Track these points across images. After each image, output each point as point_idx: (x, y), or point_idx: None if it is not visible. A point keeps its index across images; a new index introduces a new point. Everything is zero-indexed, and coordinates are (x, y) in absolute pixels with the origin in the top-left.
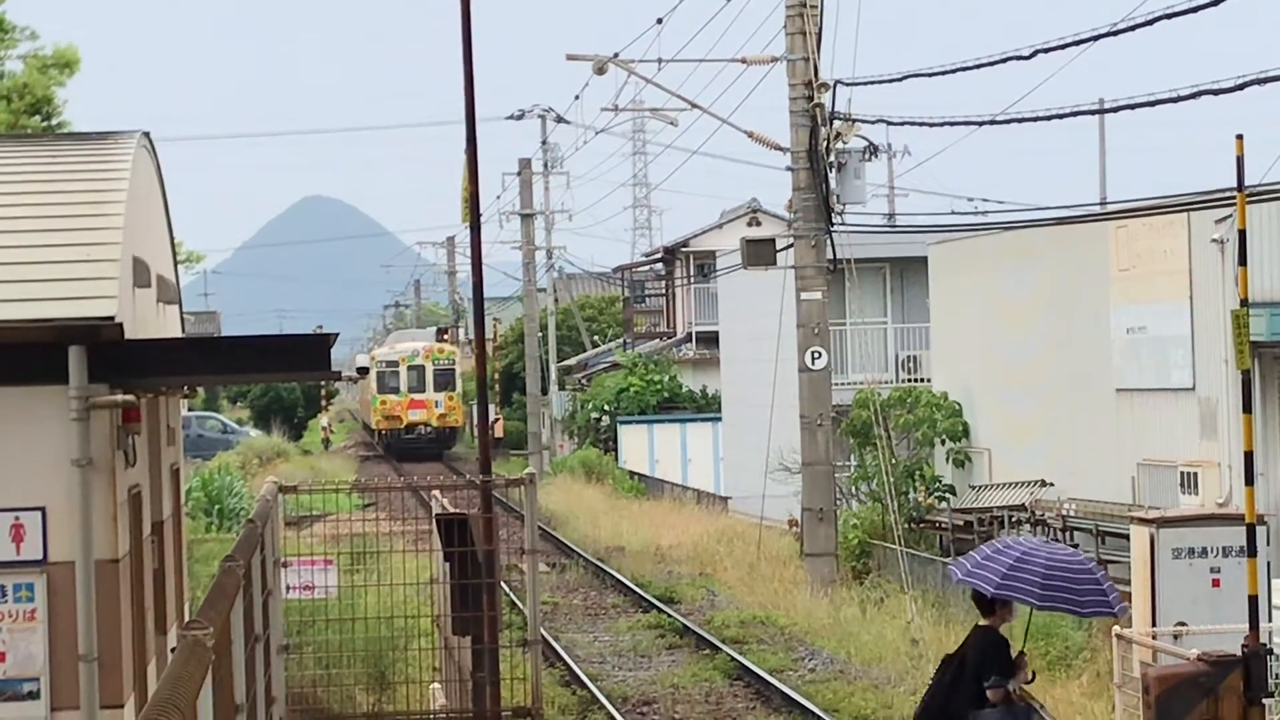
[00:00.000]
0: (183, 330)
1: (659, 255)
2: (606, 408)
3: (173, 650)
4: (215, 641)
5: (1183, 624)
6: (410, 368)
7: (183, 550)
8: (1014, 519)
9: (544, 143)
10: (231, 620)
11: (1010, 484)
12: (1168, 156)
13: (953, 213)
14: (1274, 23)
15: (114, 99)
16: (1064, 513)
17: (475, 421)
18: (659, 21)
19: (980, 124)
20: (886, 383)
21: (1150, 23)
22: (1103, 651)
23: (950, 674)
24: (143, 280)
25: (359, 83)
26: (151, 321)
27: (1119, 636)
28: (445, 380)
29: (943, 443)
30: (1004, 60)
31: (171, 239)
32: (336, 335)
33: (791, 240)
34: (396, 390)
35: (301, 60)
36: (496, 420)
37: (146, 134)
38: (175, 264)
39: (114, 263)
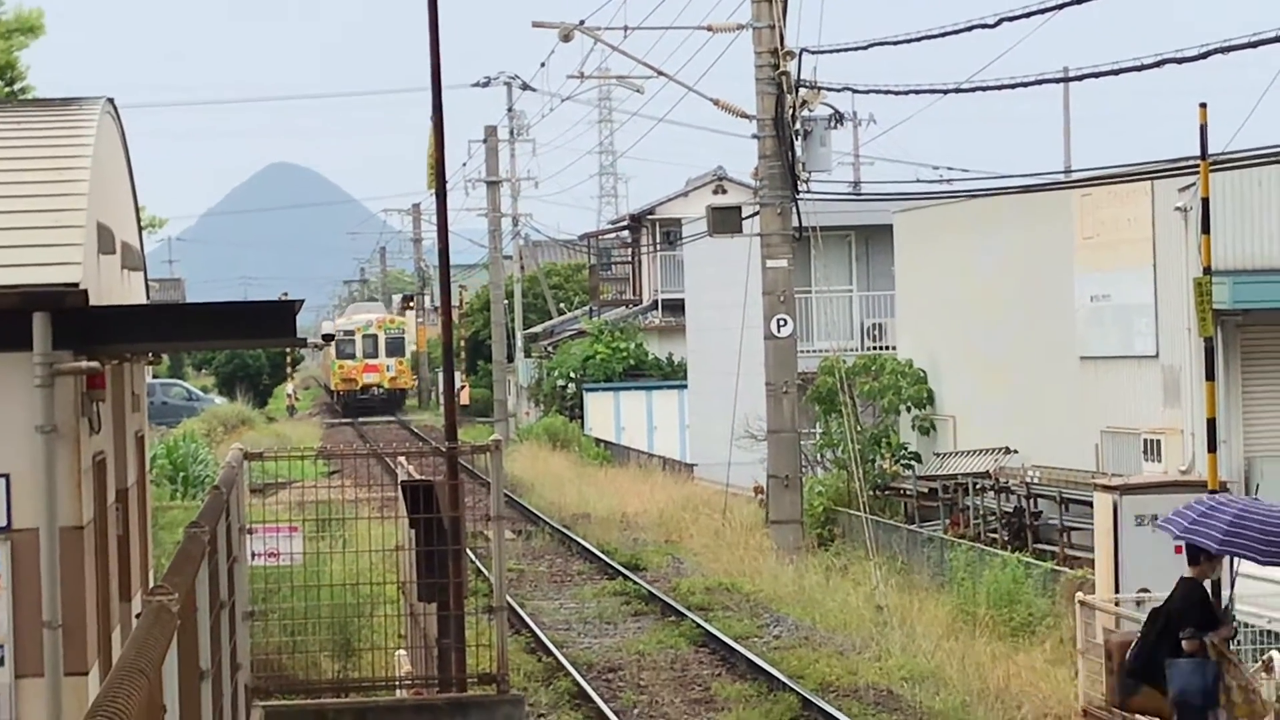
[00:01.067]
0: (147, 297)
1: (625, 223)
2: (572, 375)
3: (137, 617)
4: (180, 607)
5: (1145, 590)
6: (365, 336)
7: (147, 517)
8: (978, 486)
9: (510, 110)
10: (196, 586)
11: (974, 451)
12: (1132, 125)
13: (918, 181)
14: None
15: (78, 65)
16: (1028, 480)
17: (441, 388)
18: None
19: (946, 92)
20: (852, 350)
21: None
22: (1066, 618)
23: (1158, 625)
24: (107, 247)
25: (325, 50)
26: (116, 288)
27: (1082, 603)
28: (395, 347)
29: (908, 410)
30: (969, 29)
31: (136, 205)
32: (302, 302)
33: (757, 208)
34: (353, 356)
35: (266, 26)
36: (462, 387)
37: (111, 100)
38: (140, 230)
39: (79, 229)
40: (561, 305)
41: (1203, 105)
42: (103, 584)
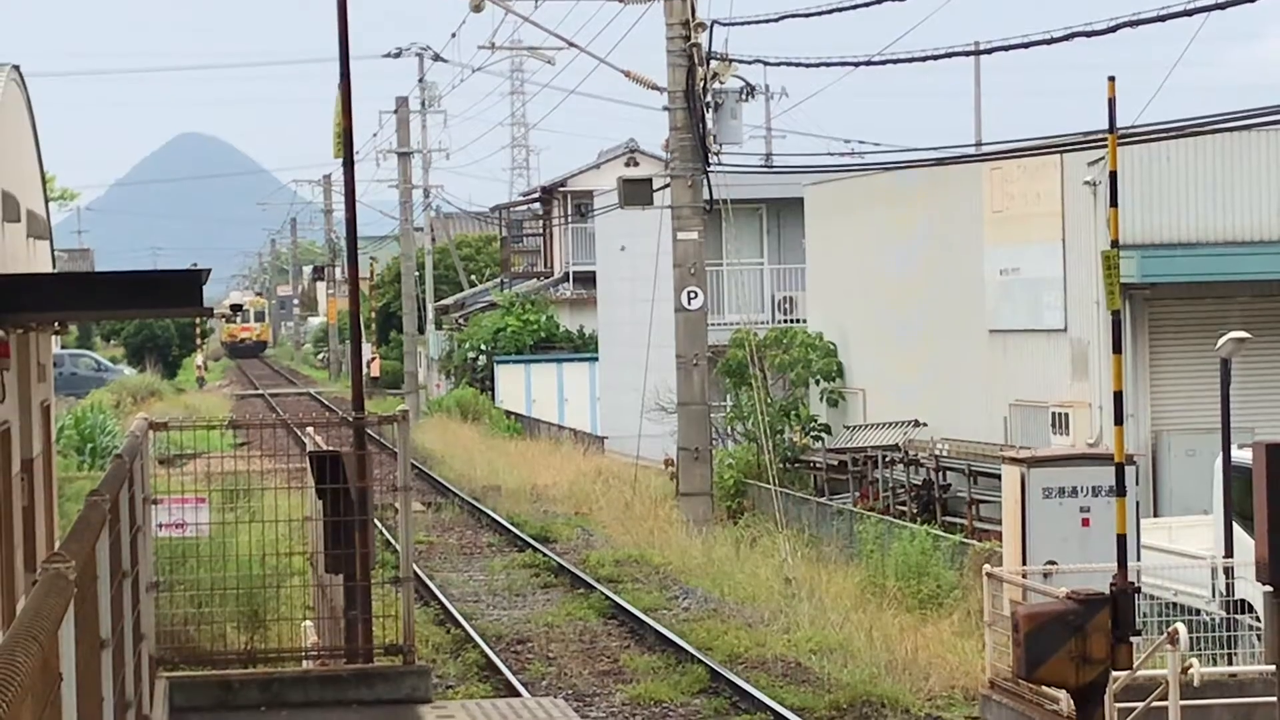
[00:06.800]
0: (54, 266)
1: (536, 195)
2: (483, 347)
3: None
4: (78, 575)
5: (1053, 562)
6: (242, 310)
7: (53, 488)
8: (887, 459)
9: (421, 81)
10: (97, 554)
11: (884, 424)
12: (1043, 99)
13: (829, 154)
14: None
15: None
16: (937, 453)
17: (349, 360)
18: None
19: (857, 64)
20: (763, 323)
21: None
22: (974, 590)
23: None
24: (12, 214)
25: (235, 18)
26: (21, 257)
27: (990, 575)
28: (260, 316)
29: (817, 383)
30: (880, 1)
31: (42, 174)
32: (209, 272)
33: (668, 180)
34: (235, 321)
35: None
36: (373, 359)
37: (17, 67)
38: (46, 199)
39: None
40: (473, 277)
41: (1111, 79)
42: (7, 554)
